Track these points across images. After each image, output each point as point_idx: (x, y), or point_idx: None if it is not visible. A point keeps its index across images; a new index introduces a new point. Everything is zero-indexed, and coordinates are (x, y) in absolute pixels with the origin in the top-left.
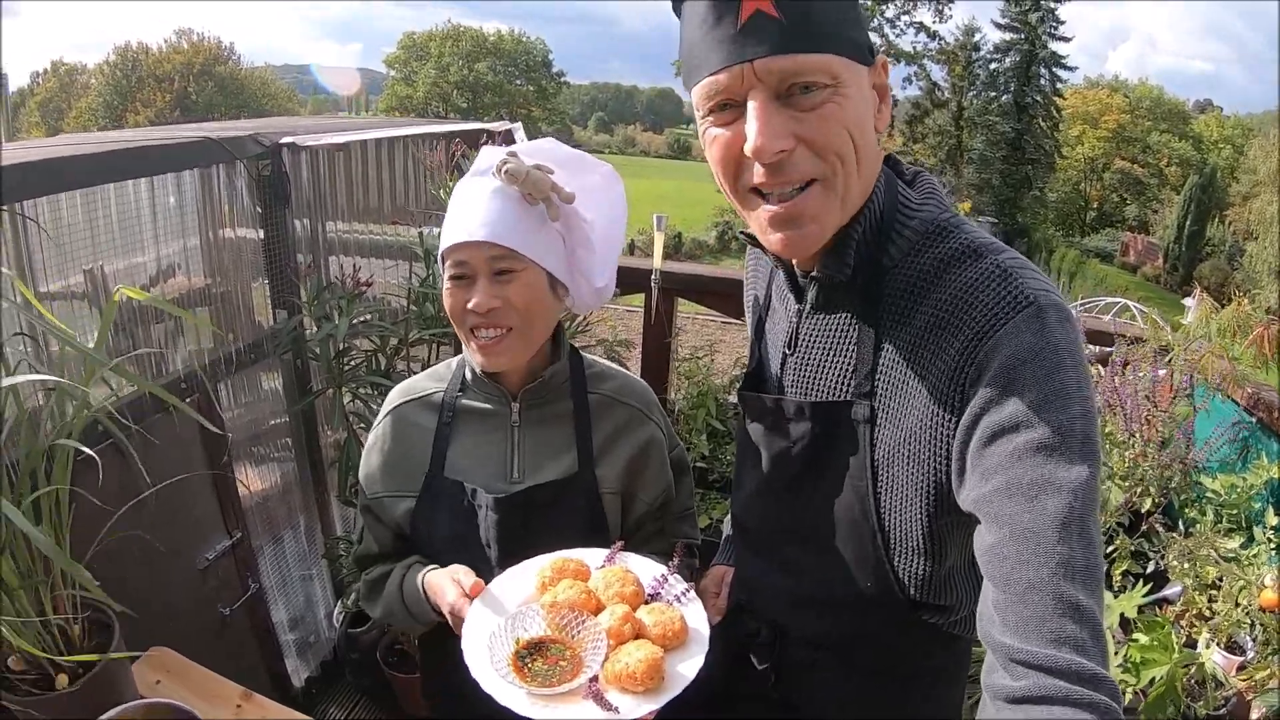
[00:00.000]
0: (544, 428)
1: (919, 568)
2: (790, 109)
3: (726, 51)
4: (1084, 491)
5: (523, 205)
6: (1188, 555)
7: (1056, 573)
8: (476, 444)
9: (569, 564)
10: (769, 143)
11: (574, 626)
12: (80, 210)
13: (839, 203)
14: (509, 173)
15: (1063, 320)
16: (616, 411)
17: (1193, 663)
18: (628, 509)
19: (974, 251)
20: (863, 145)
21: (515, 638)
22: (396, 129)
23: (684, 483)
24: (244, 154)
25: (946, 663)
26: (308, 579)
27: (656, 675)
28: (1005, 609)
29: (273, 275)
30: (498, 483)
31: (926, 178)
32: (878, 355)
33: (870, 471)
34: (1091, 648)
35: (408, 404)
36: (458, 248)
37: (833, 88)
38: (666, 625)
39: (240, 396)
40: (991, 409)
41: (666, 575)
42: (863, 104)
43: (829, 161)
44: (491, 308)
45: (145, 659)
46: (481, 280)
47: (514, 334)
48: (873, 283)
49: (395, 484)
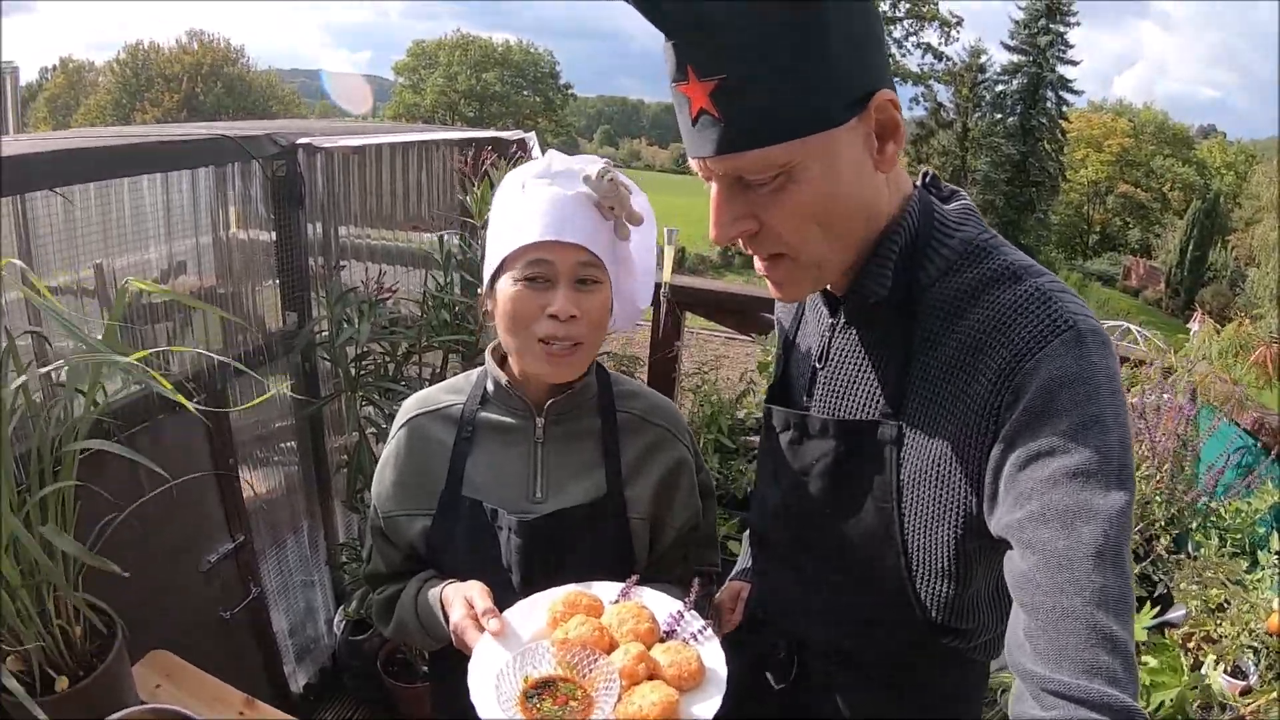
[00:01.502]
0: (569, 445)
1: (942, 590)
2: (751, 191)
3: (689, 143)
4: (1119, 520)
5: (600, 217)
6: (1194, 579)
7: (1090, 601)
8: (497, 460)
9: (582, 599)
10: (721, 232)
11: (585, 665)
12: (94, 204)
13: (813, 270)
14: (613, 180)
15: (1101, 346)
16: (646, 432)
17: (1199, 685)
18: (656, 536)
19: (1013, 274)
20: (828, 216)
21: (524, 675)
22: (411, 134)
23: (709, 507)
24: (261, 153)
25: (963, 686)
26: (309, 584)
27: (671, 718)
28: (1037, 637)
29: (284, 277)
30: (519, 502)
31: (963, 197)
32: (909, 375)
33: (895, 492)
34: (1124, 679)
35: (424, 416)
36: (541, 246)
37: (784, 174)
38: (682, 666)
39: (247, 398)
40: (1027, 433)
41: (683, 612)
42: (831, 171)
43: (789, 241)
44: (572, 315)
45: (145, 662)
46: (563, 286)
47: (582, 348)
48: (908, 301)
49: (410, 502)
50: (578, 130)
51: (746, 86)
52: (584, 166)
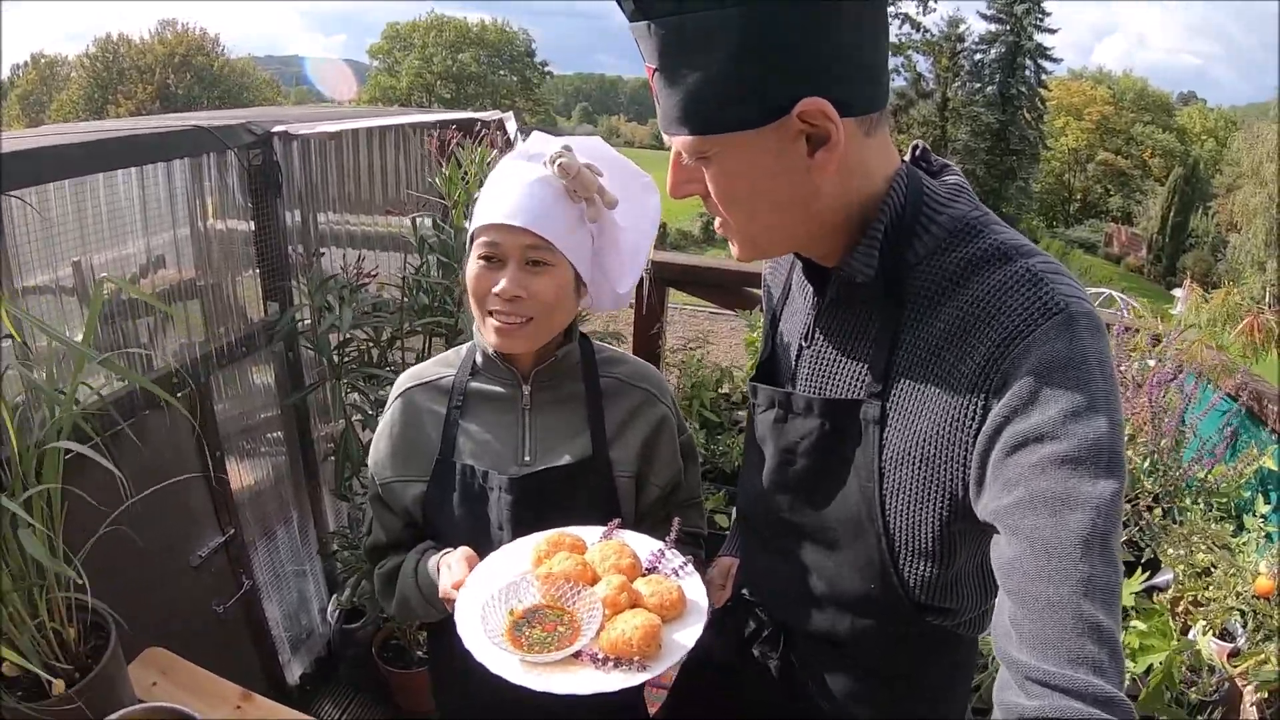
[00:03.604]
0: (555, 410)
1: (924, 571)
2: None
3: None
4: (1108, 508)
5: (564, 200)
6: (1180, 543)
7: (1077, 590)
8: (487, 427)
9: (565, 538)
10: (672, 189)
11: (570, 596)
12: (70, 201)
13: (749, 242)
14: (562, 166)
15: (1093, 329)
16: (629, 394)
17: (1188, 649)
18: (640, 493)
19: (1003, 253)
20: (756, 205)
21: (510, 608)
22: (388, 118)
23: (691, 469)
24: (236, 142)
25: (950, 663)
26: (301, 575)
27: (654, 643)
28: (1022, 625)
29: (264, 267)
30: (509, 465)
31: (955, 172)
32: (895, 354)
33: (878, 472)
34: (1110, 669)
35: (417, 388)
36: (493, 228)
37: (705, 159)
38: (664, 595)
39: (231, 390)
40: (1016, 418)
41: (664, 550)
42: (748, 168)
43: (720, 215)
44: (516, 295)
45: (140, 659)
46: (511, 266)
47: (533, 324)
48: (895, 280)
49: (405, 469)
50: (555, 109)
51: (673, 79)
52: (549, 149)
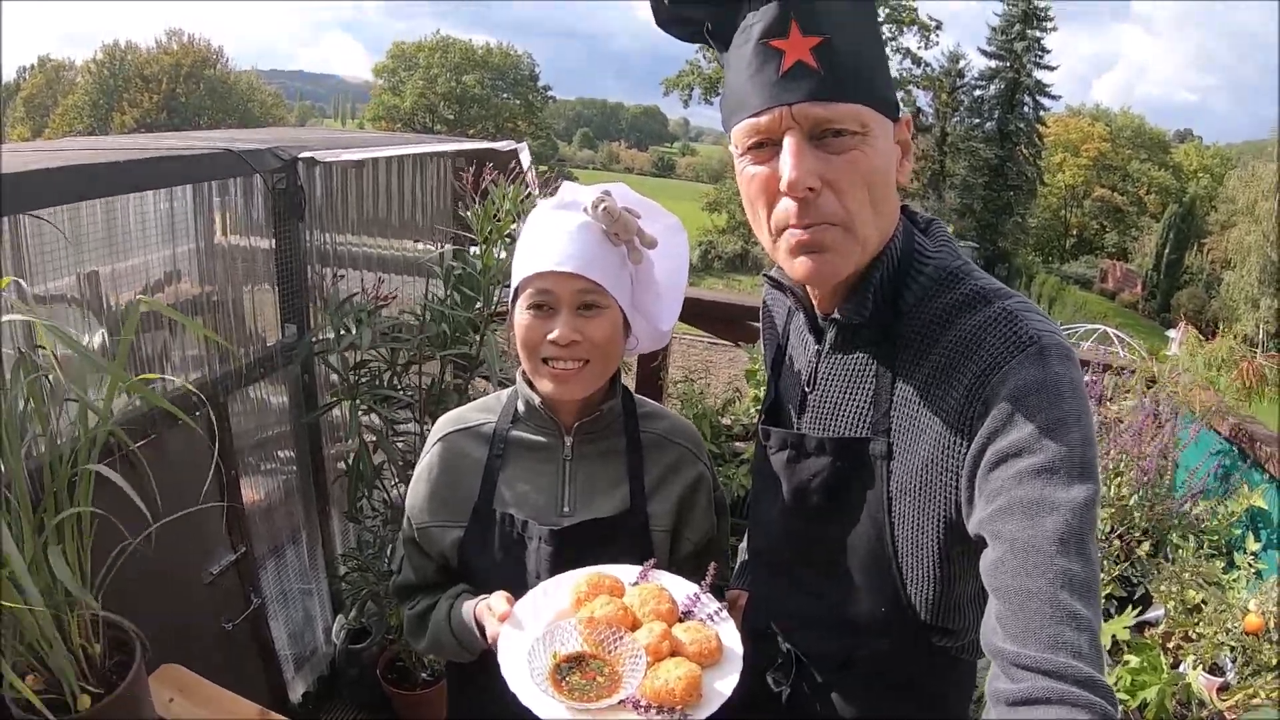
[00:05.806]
0: (596, 463)
1: (929, 593)
2: (821, 150)
3: (767, 95)
4: (1082, 511)
5: (607, 243)
6: (1172, 579)
7: (1055, 583)
8: (527, 476)
9: (604, 579)
10: (801, 177)
11: (611, 642)
12: (100, 216)
13: (857, 244)
14: (606, 210)
15: (1063, 357)
16: (668, 451)
17: (1180, 683)
18: (674, 546)
19: (983, 297)
20: (883, 193)
21: (553, 652)
22: (408, 146)
23: (723, 524)
24: (264, 167)
25: (954, 684)
26: (307, 593)
27: (695, 692)
28: (1006, 619)
29: (283, 287)
30: (549, 515)
31: (940, 225)
32: (893, 393)
33: (886, 503)
34: (1089, 653)
35: (457, 433)
36: (543, 276)
37: (861, 135)
38: (703, 644)
39: (247, 409)
40: (996, 438)
41: (699, 594)
42: (887, 154)
43: (848, 207)
44: (573, 340)
45: (157, 676)
46: (565, 312)
47: (589, 367)
48: (890, 325)
49: (443, 514)
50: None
51: (846, 49)
52: (587, 197)
